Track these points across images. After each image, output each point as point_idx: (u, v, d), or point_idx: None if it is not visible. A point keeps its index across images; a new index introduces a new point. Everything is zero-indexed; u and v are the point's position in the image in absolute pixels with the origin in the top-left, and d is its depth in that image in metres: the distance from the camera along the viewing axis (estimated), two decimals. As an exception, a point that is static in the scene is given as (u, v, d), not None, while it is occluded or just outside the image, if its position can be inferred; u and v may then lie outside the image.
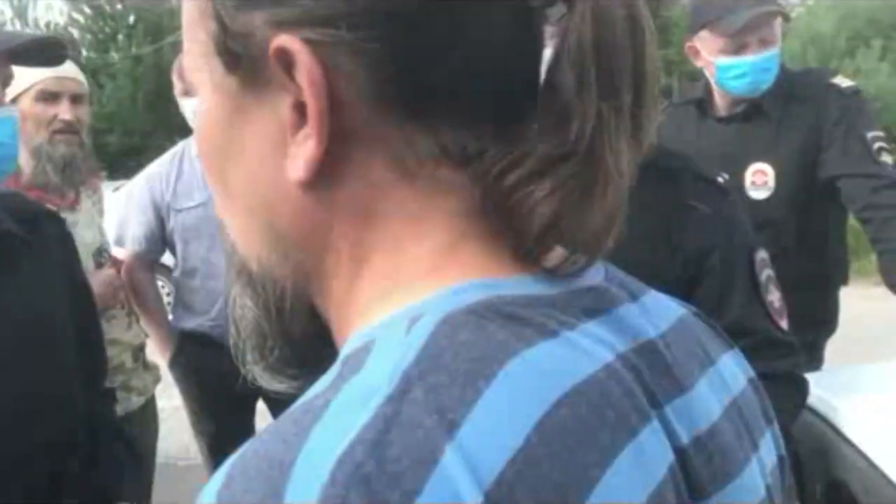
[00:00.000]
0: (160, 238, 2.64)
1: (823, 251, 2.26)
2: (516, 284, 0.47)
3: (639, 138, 0.50)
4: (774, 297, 1.30)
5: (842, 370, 1.83)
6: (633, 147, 0.49)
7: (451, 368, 0.41)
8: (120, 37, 11.88)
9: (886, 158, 2.10)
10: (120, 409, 2.36)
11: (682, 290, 1.22)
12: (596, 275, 0.53)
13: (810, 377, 1.73)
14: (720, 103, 2.31)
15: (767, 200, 2.20)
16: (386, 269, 0.48)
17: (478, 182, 0.47)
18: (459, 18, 0.45)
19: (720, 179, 1.33)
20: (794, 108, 2.19)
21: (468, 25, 0.45)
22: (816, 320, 2.33)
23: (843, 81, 2.20)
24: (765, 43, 2.15)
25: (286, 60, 0.45)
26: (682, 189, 1.26)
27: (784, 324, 1.31)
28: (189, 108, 2.55)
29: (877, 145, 2.10)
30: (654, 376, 0.48)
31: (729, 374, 0.59)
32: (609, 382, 0.44)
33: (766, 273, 1.30)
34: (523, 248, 0.47)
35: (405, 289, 0.47)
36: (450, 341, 0.42)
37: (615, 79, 0.46)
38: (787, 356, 1.29)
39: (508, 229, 0.47)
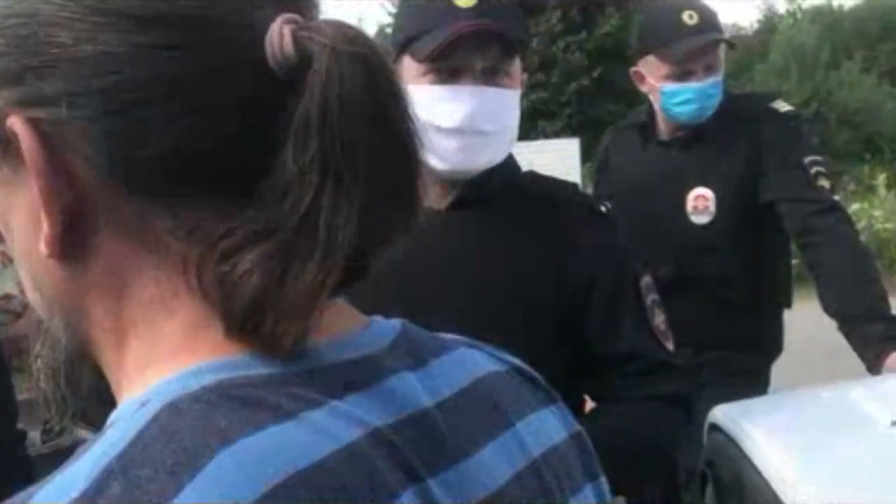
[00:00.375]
0: None
1: (768, 275, 2.26)
2: (259, 364, 0.46)
3: (404, 194, 0.50)
4: (660, 320, 1.31)
5: (767, 398, 1.83)
6: (398, 205, 0.49)
7: (158, 460, 0.40)
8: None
9: (824, 183, 2.10)
10: (69, 440, 2.37)
11: (572, 320, 1.24)
12: (377, 340, 0.53)
13: (732, 406, 1.74)
14: (663, 128, 2.32)
15: (709, 225, 2.20)
16: (142, 344, 0.48)
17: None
18: (184, 97, 0.45)
19: (604, 208, 1.34)
20: (735, 133, 2.19)
21: (193, 103, 0.46)
22: (762, 344, 2.33)
23: (781, 106, 2.21)
24: (709, 69, 2.16)
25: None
26: (566, 220, 1.27)
27: (670, 346, 1.33)
28: None
29: (814, 170, 2.11)
30: (418, 449, 0.48)
31: (532, 435, 0.58)
32: (345, 464, 0.44)
33: (651, 297, 1.31)
34: (236, 326, 0.46)
35: (154, 368, 0.47)
36: (164, 430, 0.41)
37: (340, 152, 0.45)
38: (674, 378, 1.30)
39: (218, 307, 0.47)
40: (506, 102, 1.23)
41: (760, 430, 1.55)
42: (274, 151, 0.46)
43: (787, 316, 2.40)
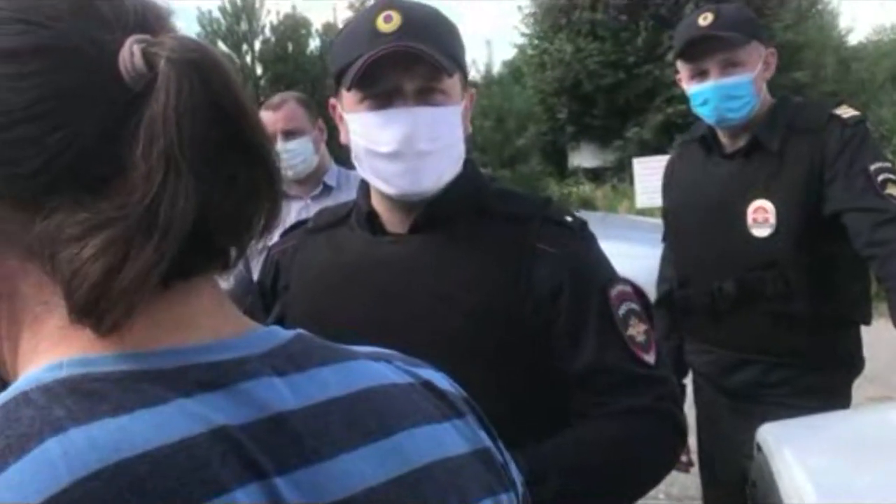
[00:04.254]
0: (249, 278, 2.58)
1: (835, 290, 2.13)
2: (118, 362, 0.52)
3: (250, 184, 0.55)
4: (637, 330, 1.26)
5: (813, 417, 1.73)
6: (247, 195, 0.55)
7: None
8: (248, 89, 12.61)
9: (892, 191, 1.97)
10: None
11: (538, 335, 1.22)
12: (251, 346, 0.57)
13: (776, 425, 1.66)
14: (723, 139, 2.25)
15: (770, 238, 2.11)
16: (29, 342, 0.55)
17: None
18: (49, 118, 0.52)
19: (569, 219, 1.32)
20: (795, 142, 2.10)
21: (57, 122, 0.52)
22: (836, 362, 2.21)
23: (846, 111, 2.09)
24: (728, 68, 2.10)
25: None
26: (528, 233, 1.26)
27: (650, 357, 1.26)
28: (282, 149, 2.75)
29: (881, 177, 1.99)
30: (268, 448, 0.52)
31: (417, 445, 0.61)
32: (174, 456, 0.48)
33: (625, 307, 1.26)
34: (80, 307, 0.50)
35: (35, 362, 0.53)
36: (7, 417, 0.48)
37: (180, 149, 0.51)
38: (650, 391, 1.24)
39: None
40: (443, 120, 1.23)
41: (791, 451, 1.48)
42: (128, 152, 0.52)
43: (868, 333, 2.26)
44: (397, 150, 1.22)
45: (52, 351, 0.52)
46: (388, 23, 1.19)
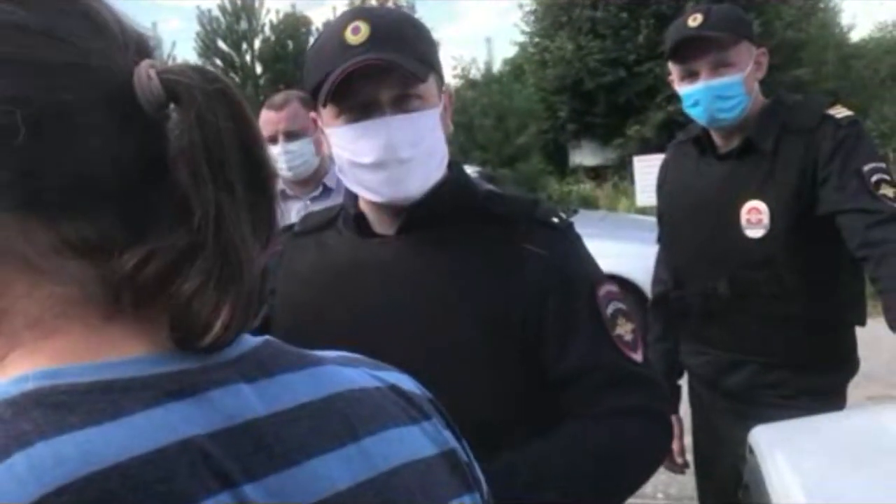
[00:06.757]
0: None
1: (829, 291, 2.13)
2: (85, 372, 0.51)
3: (264, 219, 0.57)
4: (625, 329, 1.26)
5: (805, 420, 1.73)
6: (259, 228, 0.56)
7: None
8: (248, 87, 12.61)
9: (886, 191, 1.96)
10: None
11: (526, 335, 1.22)
12: (219, 353, 0.57)
13: (768, 427, 1.66)
14: (716, 140, 2.24)
15: (764, 239, 2.10)
16: (7, 350, 0.54)
17: (112, 274, 0.53)
18: (72, 129, 0.52)
19: (556, 220, 1.31)
20: (789, 142, 2.09)
21: (80, 132, 0.52)
22: (831, 362, 2.20)
23: (839, 112, 2.08)
24: (719, 68, 2.08)
25: None
26: (516, 234, 1.26)
27: (637, 356, 1.26)
28: (273, 152, 2.78)
29: (875, 178, 1.97)
30: (236, 456, 0.52)
31: (384, 449, 0.62)
32: (143, 468, 0.48)
33: (612, 307, 1.27)
34: (191, 341, 0.54)
35: (4, 372, 0.52)
36: None
37: (227, 173, 0.53)
38: (639, 390, 1.25)
39: (157, 322, 0.54)
40: (421, 125, 1.23)
41: (781, 453, 1.47)
42: (161, 177, 0.53)
43: (865, 334, 2.25)
44: (379, 161, 1.22)
45: (20, 362, 0.52)
46: (356, 35, 1.18)
